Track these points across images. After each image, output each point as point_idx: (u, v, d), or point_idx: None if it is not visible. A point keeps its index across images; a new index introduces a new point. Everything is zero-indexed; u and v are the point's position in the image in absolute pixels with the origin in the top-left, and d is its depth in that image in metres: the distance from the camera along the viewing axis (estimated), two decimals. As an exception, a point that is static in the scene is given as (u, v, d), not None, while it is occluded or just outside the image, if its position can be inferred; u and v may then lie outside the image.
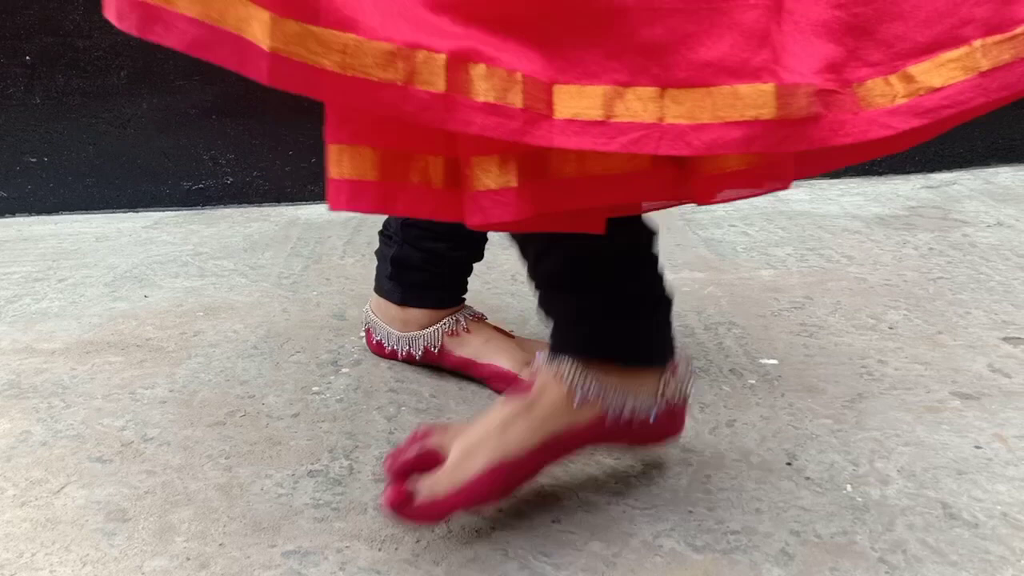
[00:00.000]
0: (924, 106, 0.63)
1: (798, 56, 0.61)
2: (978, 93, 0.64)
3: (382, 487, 0.87)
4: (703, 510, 0.83)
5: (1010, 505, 0.83)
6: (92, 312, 1.34)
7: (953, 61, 0.64)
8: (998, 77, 0.64)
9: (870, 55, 0.64)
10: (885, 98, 0.64)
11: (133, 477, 0.90)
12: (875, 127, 0.63)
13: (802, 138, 0.60)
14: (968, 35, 0.64)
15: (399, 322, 1.09)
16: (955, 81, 0.64)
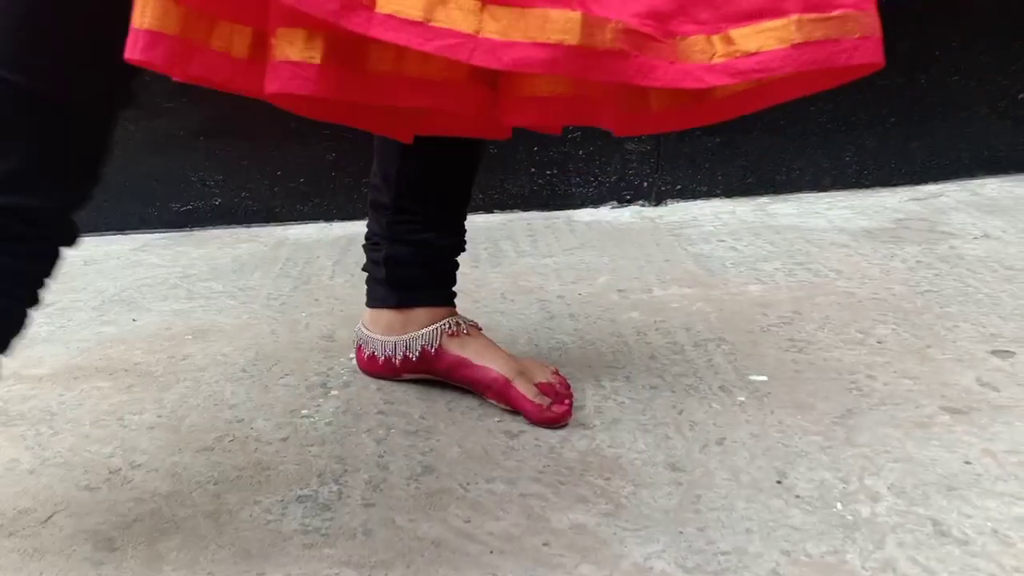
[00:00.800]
0: (737, 67, 0.67)
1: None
2: (786, 63, 0.68)
3: (372, 512, 0.87)
4: (693, 530, 0.83)
5: (1000, 521, 0.83)
6: (80, 337, 1.33)
7: (771, 30, 0.68)
8: (807, 51, 0.68)
9: (699, 13, 0.68)
10: (704, 55, 0.67)
11: (121, 505, 0.90)
12: (688, 78, 0.67)
13: (604, 70, 0.64)
14: (788, 9, 0.68)
15: (398, 326, 1.09)
16: (768, 49, 0.68)
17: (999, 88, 2.05)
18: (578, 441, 0.99)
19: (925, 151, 2.07)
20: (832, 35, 0.69)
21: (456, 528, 0.84)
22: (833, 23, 0.69)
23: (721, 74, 0.67)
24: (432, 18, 0.61)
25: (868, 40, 0.70)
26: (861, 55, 0.70)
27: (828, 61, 0.69)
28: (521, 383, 1.04)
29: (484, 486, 0.91)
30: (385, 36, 0.60)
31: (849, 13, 0.69)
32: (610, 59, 0.64)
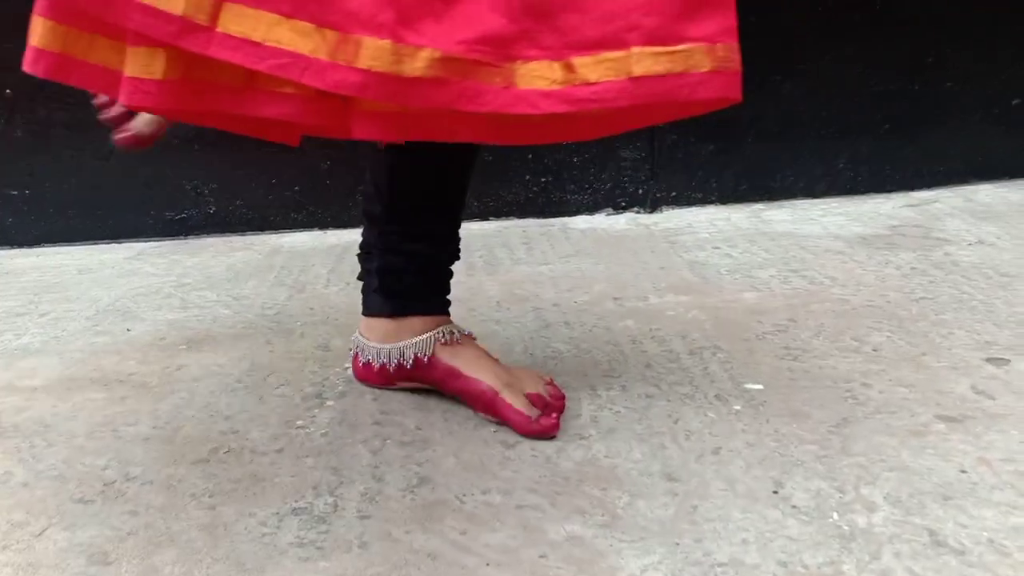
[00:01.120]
0: (574, 96, 0.68)
1: (449, 24, 0.66)
2: (622, 95, 0.68)
3: (367, 524, 0.87)
4: (690, 541, 0.83)
5: (996, 531, 0.83)
6: (74, 347, 1.33)
7: (611, 61, 0.68)
8: (645, 85, 0.68)
9: (544, 39, 0.68)
10: (544, 80, 0.68)
11: (115, 518, 0.89)
12: (522, 103, 0.67)
13: (417, 96, 0.65)
14: (630, 41, 0.68)
15: (392, 334, 1.09)
16: (606, 79, 0.68)
17: (992, 94, 2.06)
18: (574, 451, 0.99)
19: (919, 157, 2.07)
20: (675, 69, 0.68)
21: (452, 540, 0.84)
22: (677, 57, 0.68)
23: (556, 100, 0.67)
24: (268, 38, 0.66)
25: (719, 75, 0.70)
26: (707, 90, 0.69)
27: (668, 95, 0.69)
28: (509, 394, 1.04)
29: (480, 497, 0.91)
30: (222, 55, 0.66)
31: (697, 47, 0.69)
32: (423, 86, 0.65)
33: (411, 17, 0.65)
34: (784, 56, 1.96)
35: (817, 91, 2.00)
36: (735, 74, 0.71)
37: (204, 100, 0.72)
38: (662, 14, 0.68)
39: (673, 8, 0.69)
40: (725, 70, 0.70)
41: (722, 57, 0.69)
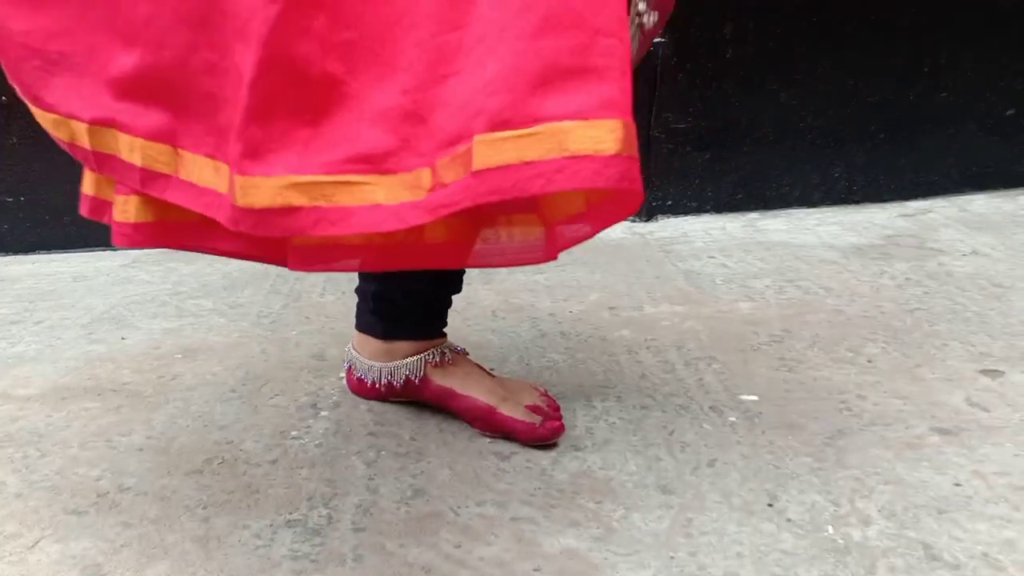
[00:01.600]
0: (433, 202, 0.61)
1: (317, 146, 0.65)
2: (465, 195, 0.59)
3: (362, 537, 0.87)
4: (684, 555, 0.83)
5: (990, 545, 0.83)
6: (69, 356, 1.33)
7: (460, 156, 0.59)
8: (489, 179, 0.58)
9: (421, 144, 0.63)
10: (416, 192, 0.62)
11: (109, 530, 0.89)
12: (392, 219, 0.63)
13: (273, 226, 0.65)
14: (474, 128, 0.59)
15: (382, 354, 1.09)
16: (457, 179, 0.60)
17: (987, 104, 2.07)
18: (569, 463, 0.99)
19: (914, 167, 2.08)
20: (526, 156, 0.57)
21: (446, 553, 0.84)
22: (529, 142, 0.57)
23: (422, 210, 0.62)
24: (201, 179, 0.71)
25: (591, 160, 0.56)
26: (572, 178, 0.56)
27: (517, 189, 0.57)
28: (507, 407, 1.03)
29: (475, 509, 0.91)
30: (175, 199, 0.73)
31: (557, 127, 0.57)
32: (274, 215, 0.64)
33: (261, 150, 0.64)
34: (781, 65, 1.96)
35: (813, 100, 2.00)
36: (622, 159, 0.56)
37: (172, 238, 0.79)
38: (511, 91, 0.57)
39: (522, 83, 0.58)
40: (600, 154, 0.56)
41: (598, 137, 0.56)
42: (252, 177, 0.64)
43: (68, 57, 0.76)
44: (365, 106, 0.65)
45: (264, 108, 0.65)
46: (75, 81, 0.76)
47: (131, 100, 0.74)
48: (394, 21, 0.64)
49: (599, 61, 0.58)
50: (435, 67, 0.62)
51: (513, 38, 0.58)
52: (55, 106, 0.77)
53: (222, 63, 0.70)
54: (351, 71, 0.65)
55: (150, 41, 0.72)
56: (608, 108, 0.57)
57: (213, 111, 0.71)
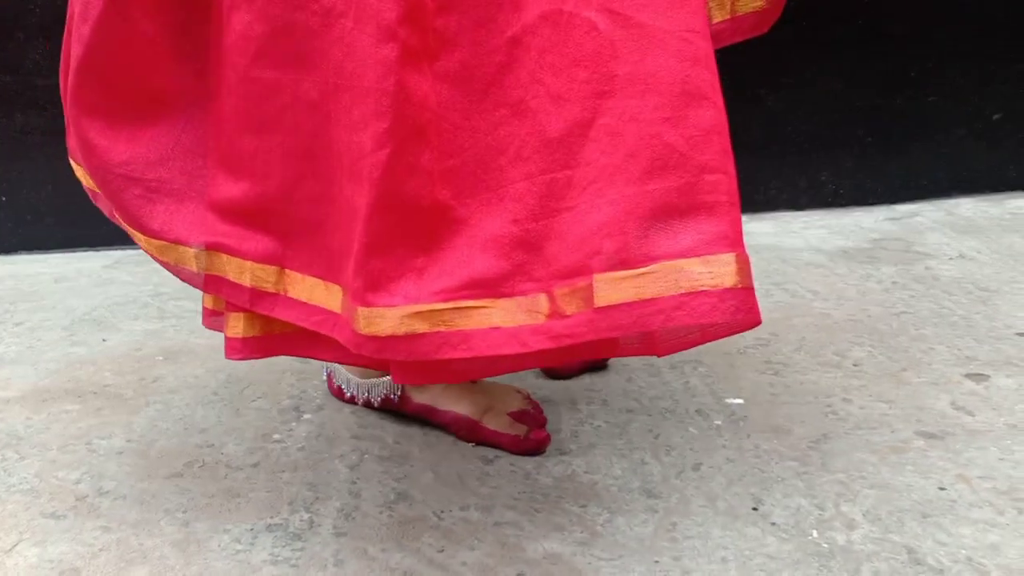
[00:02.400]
0: (555, 331, 0.64)
1: (432, 275, 0.67)
2: (588, 329, 0.62)
3: (343, 542, 0.86)
4: (669, 560, 0.82)
5: (974, 549, 0.83)
6: (49, 357, 1.31)
7: (580, 291, 0.62)
8: (610, 316, 0.61)
9: (535, 271, 0.65)
10: (534, 316, 0.65)
11: (87, 534, 0.88)
12: (513, 342, 0.65)
13: (399, 351, 0.67)
14: (593, 267, 0.62)
15: (358, 369, 1.08)
16: (579, 312, 0.62)
17: (975, 109, 2.07)
18: (554, 467, 0.99)
19: (901, 171, 2.08)
20: (644, 295, 0.60)
21: (429, 558, 0.83)
22: (646, 280, 0.60)
23: (543, 337, 0.64)
24: (312, 299, 0.75)
25: (706, 295, 0.59)
26: (691, 314, 0.59)
27: (637, 325, 0.60)
28: (490, 418, 1.03)
29: (458, 514, 0.90)
30: (284, 316, 0.77)
31: (670, 265, 0.60)
32: (399, 342, 0.66)
33: (382, 280, 0.67)
34: (768, 69, 1.96)
35: (801, 104, 2.00)
36: (737, 292, 0.59)
37: (278, 349, 0.83)
38: (625, 233, 0.61)
39: (635, 225, 0.61)
40: (716, 288, 0.58)
41: (713, 272, 0.59)
42: (376, 308, 0.67)
43: (167, 183, 0.80)
44: (476, 232, 0.67)
45: (381, 242, 0.67)
46: (177, 206, 0.80)
47: (238, 225, 0.78)
48: (497, 151, 0.67)
49: (707, 198, 0.61)
50: (546, 201, 0.65)
51: (624, 183, 0.62)
52: (161, 232, 0.80)
53: (328, 192, 0.72)
54: (457, 195, 0.68)
55: (255, 172, 0.76)
56: (720, 243, 0.60)
57: (322, 236, 0.74)
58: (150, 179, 0.79)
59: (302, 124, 0.72)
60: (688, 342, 0.73)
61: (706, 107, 0.63)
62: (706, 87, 0.64)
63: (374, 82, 0.65)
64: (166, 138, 0.80)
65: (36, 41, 1.76)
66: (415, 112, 0.66)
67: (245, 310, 0.80)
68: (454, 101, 0.67)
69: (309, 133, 0.72)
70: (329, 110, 0.70)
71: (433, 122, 0.67)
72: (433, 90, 0.67)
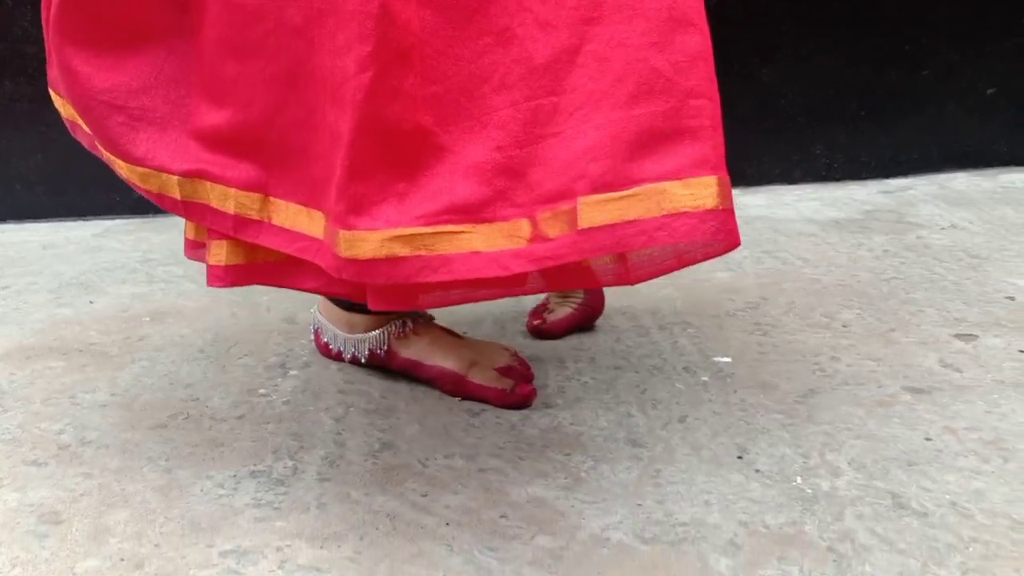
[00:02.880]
0: (536, 254, 0.65)
1: (413, 200, 0.67)
2: (571, 250, 0.63)
3: (327, 487, 0.85)
4: (652, 503, 0.82)
5: (959, 495, 0.83)
6: (35, 318, 1.30)
7: (564, 214, 0.63)
8: (592, 237, 0.62)
9: (517, 196, 0.66)
10: (515, 240, 0.66)
11: (69, 480, 0.87)
12: (493, 266, 0.66)
13: (379, 274, 0.67)
14: (577, 190, 0.63)
15: (345, 324, 1.07)
16: (562, 234, 0.64)
17: (968, 84, 2.07)
18: (540, 419, 0.98)
19: (894, 146, 2.08)
20: (627, 216, 0.61)
21: (412, 502, 0.83)
22: (630, 202, 0.61)
23: (524, 260, 0.65)
24: (295, 225, 0.75)
25: (688, 216, 0.60)
26: (672, 234, 0.61)
27: (619, 246, 0.62)
28: (476, 373, 1.02)
29: (443, 462, 0.90)
30: (267, 243, 0.77)
31: (654, 188, 0.61)
32: (380, 265, 0.66)
33: (364, 204, 0.67)
34: (762, 42, 1.96)
35: (794, 78, 2.00)
36: (718, 213, 0.60)
37: (261, 277, 0.83)
38: (611, 157, 0.62)
39: (621, 149, 0.62)
40: (697, 209, 0.60)
41: (695, 194, 0.60)
42: (358, 231, 0.67)
43: (151, 111, 0.80)
44: (459, 159, 0.67)
45: (363, 166, 0.67)
46: (160, 135, 0.79)
47: (221, 152, 0.78)
48: (481, 79, 0.68)
49: (691, 122, 0.62)
50: (531, 128, 0.66)
51: (610, 108, 0.63)
52: (144, 159, 0.80)
53: (311, 119, 0.72)
54: (440, 122, 0.68)
55: (238, 99, 0.76)
56: (702, 166, 0.61)
57: (305, 163, 0.74)
58: (133, 107, 0.79)
59: (285, 50, 0.71)
60: (663, 268, 0.74)
61: (692, 33, 0.64)
62: (692, 13, 0.64)
63: (358, 5, 0.65)
64: (149, 67, 0.80)
65: (24, 8, 1.75)
66: (399, 36, 0.65)
67: (228, 238, 0.79)
68: (437, 27, 0.67)
69: (292, 59, 0.71)
70: (313, 35, 0.69)
71: (416, 47, 0.66)
72: (417, 15, 0.66)
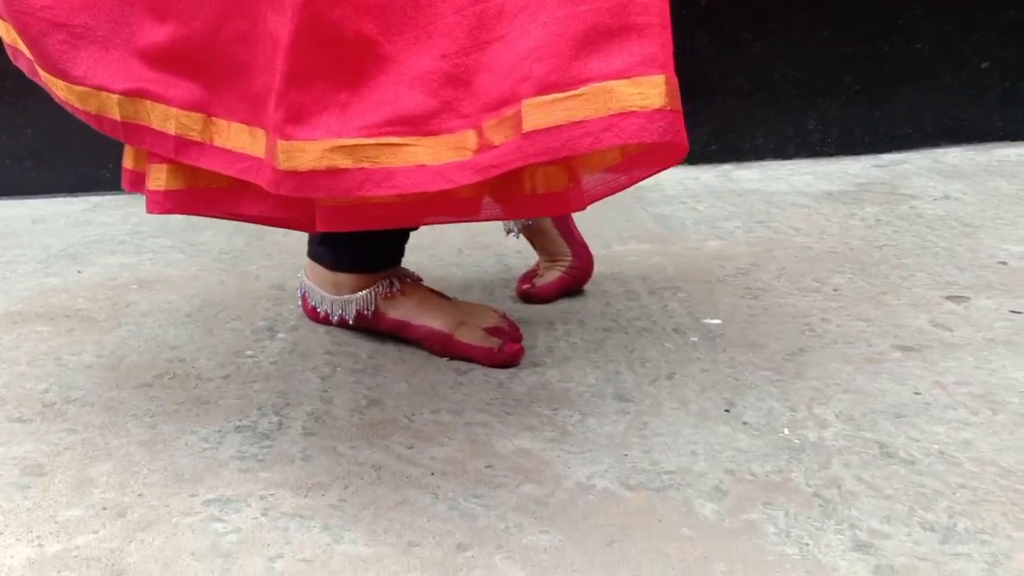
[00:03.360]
0: (482, 163, 0.63)
1: (355, 111, 0.65)
2: (516, 155, 0.61)
3: (312, 440, 0.85)
4: (638, 453, 0.82)
5: (947, 444, 0.82)
6: (22, 287, 1.30)
7: (509, 119, 0.61)
8: (538, 140, 0.60)
9: (464, 106, 0.64)
10: (461, 152, 0.64)
11: (53, 435, 0.87)
12: (438, 179, 0.64)
13: (318, 187, 0.65)
14: (521, 93, 0.61)
15: (331, 286, 1.07)
16: (507, 140, 0.61)
17: (962, 57, 2.06)
18: (527, 376, 0.98)
19: (888, 120, 2.07)
20: (574, 116, 0.59)
21: (398, 454, 0.82)
22: (576, 102, 0.59)
23: (470, 171, 0.63)
24: (236, 145, 0.73)
25: (635, 116, 0.58)
26: (619, 134, 0.59)
27: (567, 148, 0.59)
28: (464, 332, 1.02)
29: (429, 416, 0.89)
30: (209, 166, 0.74)
31: (601, 87, 0.59)
32: (319, 177, 0.65)
33: (304, 114, 0.65)
34: (755, 15, 1.95)
35: (787, 51, 1.99)
36: (666, 113, 0.58)
37: (201, 203, 0.80)
38: (556, 56, 0.60)
39: (567, 47, 0.60)
40: (645, 109, 0.58)
41: (643, 94, 0.58)
42: (296, 141, 0.65)
43: (92, 29, 0.77)
44: (403, 69, 0.65)
45: (303, 73, 0.65)
46: (101, 53, 0.76)
47: (163, 71, 0.75)
48: None
49: (638, 19, 0.60)
50: (476, 33, 0.64)
51: (555, 5, 0.61)
52: (83, 79, 0.77)
53: (253, 31, 0.70)
54: (384, 32, 0.66)
55: (181, 13, 0.73)
56: (650, 64, 0.59)
57: (247, 79, 0.72)
58: (75, 24, 0.76)
59: None
60: (613, 187, 0.74)
61: None
62: None
63: None
64: None
65: (12, -18, 1.74)
66: None
67: (169, 161, 0.77)
68: None
69: None
70: None
71: None
72: None
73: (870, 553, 0.68)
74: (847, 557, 0.67)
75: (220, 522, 0.72)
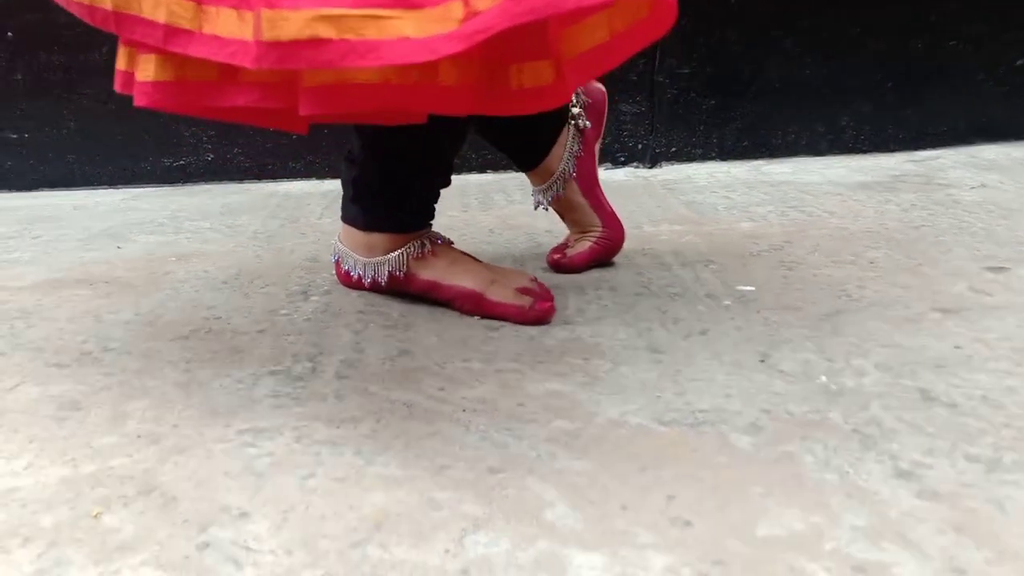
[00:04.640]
0: (468, 30, 0.62)
1: None
2: (502, 18, 0.60)
3: (345, 383, 0.85)
4: (671, 395, 0.81)
5: (990, 390, 0.81)
6: (63, 260, 1.32)
7: None
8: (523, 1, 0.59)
9: None
10: (447, 24, 0.62)
11: (90, 377, 0.88)
12: (423, 51, 0.62)
13: (301, 59, 0.64)
14: None
15: (364, 248, 1.07)
16: (492, 5, 0.61)
17: (996, 54, 2.05)
18: (558, 332, 0.97)
19: (922, 117, 2.05)
20: None
21: (429, 394, 0.82)
22: None
23: (456, 41, 0.62)
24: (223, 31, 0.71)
25: None
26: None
27: (551, 7, 0.59)
28: (495, 291, 1.02)
29: (460, 364, 0.89)
30: (199, 52, 0.72)
31: None
32: (303, 48, 0.64)
33: None
34: (786, 12, 1.95)
35: (819, 48, 1.99)
36: None
37: (190, 95, 0.78)
38: None
39: None
40: None
41: None
42: (281, 10, 0.64)
43: None
44: None
45: None
46: None
47: None
48: None
49: None
50: None
51: None
52: None
53: None
54: None
55: None
56: None
57: None
58: None
59: None
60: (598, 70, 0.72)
61: None
62: None
63: None
64: None
65: (59, -22, 1.79)
66: None
67: (158, 50, 0.76)
68: None
69: None
70: None
71: None
72: None
73: (913, 480, 0.66)
74: (889, 483, 0.66)
75: (254, 448, 0.73)
